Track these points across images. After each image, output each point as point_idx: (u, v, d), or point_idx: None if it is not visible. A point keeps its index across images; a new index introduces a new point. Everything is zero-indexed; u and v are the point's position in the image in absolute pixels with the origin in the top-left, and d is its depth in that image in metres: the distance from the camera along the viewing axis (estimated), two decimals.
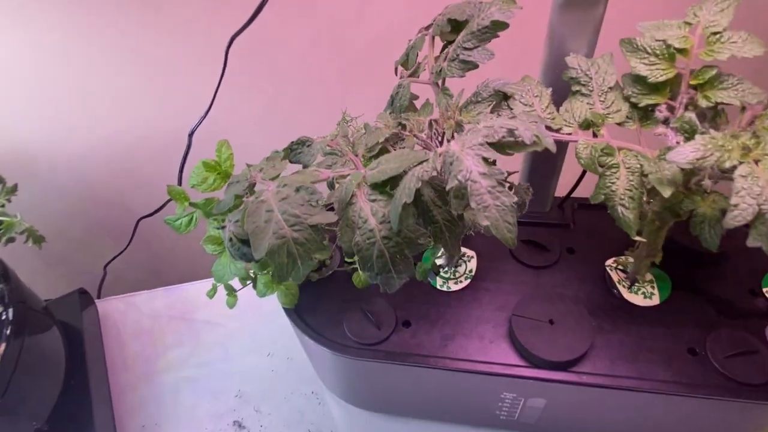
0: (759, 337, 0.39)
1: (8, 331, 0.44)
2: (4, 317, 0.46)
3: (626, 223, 0.30)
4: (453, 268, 0.46)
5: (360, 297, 0.44)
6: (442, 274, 0.46)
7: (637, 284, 0.43)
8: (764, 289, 0.42)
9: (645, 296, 0.42)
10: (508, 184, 0.37)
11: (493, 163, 0.24)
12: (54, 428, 0.48)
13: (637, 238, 0.32)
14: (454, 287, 0.45)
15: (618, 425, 0.43)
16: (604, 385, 0.38)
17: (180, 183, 0.50)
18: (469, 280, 0.45)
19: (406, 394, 0.46)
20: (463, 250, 0.47)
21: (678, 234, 0.45)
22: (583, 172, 0.49)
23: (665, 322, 0.41)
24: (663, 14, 0.34)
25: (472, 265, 0.46)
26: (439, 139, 0.32)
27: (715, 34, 0.30)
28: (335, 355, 0.42)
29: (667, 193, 0.28)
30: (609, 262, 0.45)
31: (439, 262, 0.46)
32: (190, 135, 0.46)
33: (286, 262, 0.27)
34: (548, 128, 0.33)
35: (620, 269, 0.44)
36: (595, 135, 0.33)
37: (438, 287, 0.45)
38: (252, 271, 0.41)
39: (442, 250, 0.46)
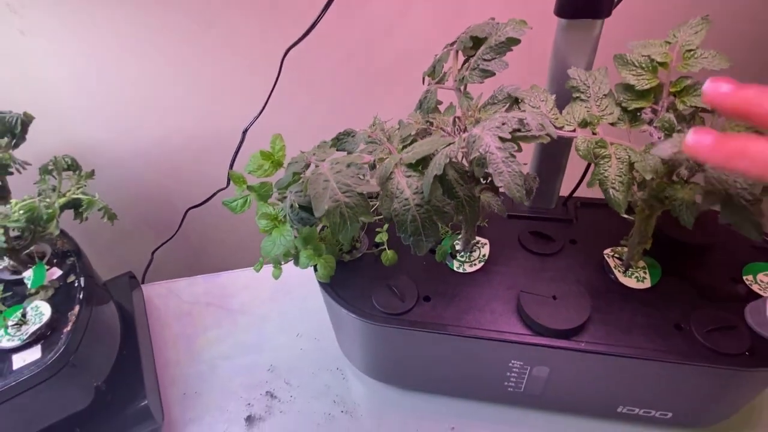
0: (738, 316, 0.45)
1: (81, 296, 0.51)
2: (77, 284, 0.53)
3: (616, 203, 0.36)
4: (468, 253, 0.52)
5: (386, 275, 0.50)
6: (458, 257, 0.52)
7: (631, 269, 0.49)
8: (744, 277, 0.48)
9: (638, 280, 0.48)
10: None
11: (508, 140, 0.30)
12: (110, 388, 0.54)
13: (625, 216, 0.38)
14: (469, 269, 0.51)
15: (613, 394, 0.48)
16: (600, 351, 0.43)
17: (228, 182, 0.57)
18: (482, 264, 0.51)
19: (423, 364, 0.52)
20: (478, 238, 0.54)
21: (668, 228, 0.51)
22: (584, 175, 0.56)
23: (655, 302, 0.47)
24: (650, 35, 0.41)
25: (485, 250, 0.52)
26: (462, 132, 0.39)
27: (689, 51, 0.37)
28: (364, 323, 0.48)
29: (649, 177, 0.35)
30: (607, 251, 0.51)
31: (456, 247, 0.52)
32: (244, 132, 0.53)
33: (339, 221, 0.33)
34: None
35: (616, 257, 0.50)
36: (591, 132, 0.39)
37: (455, 269, 0.51)
38: (294, 247, 0.48)
39: (460, 237, 0.52)
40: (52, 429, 0.51)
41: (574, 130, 0.39)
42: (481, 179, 0.41)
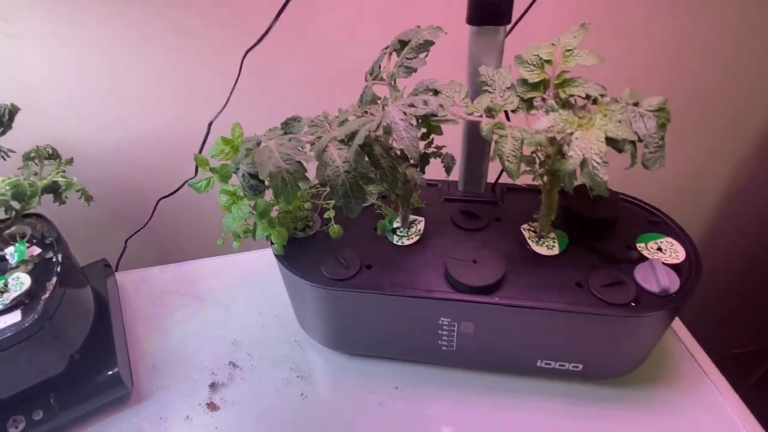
0: (628, 275, 0.53)
1: (58, 269, 0.57)
2: (54, 260, 0.58)
3: (510, 171, 0.44)
4: (406, 229, 0.60)
5: (335, 249, 0.57)
6: (398, 233, 0.59)
7: (542, 239, 0.57)
8: (637, 245, 0.57)
9: (548, 248, 0.56)
10: (440, 153, 0.52)
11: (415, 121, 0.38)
12: (83, 358, 0.60)
13: (517, 183, 0.46)
14: (406, 242, 0.59)
15: (531, 348, 0.56)
16: (513, 305, 0.51)
17: (196, 169, 0.64)
18: (418, 237, 0.59)
19: (368, 329, 0.59)
20: (415, 216, 0.61)
21: (575, 206, 0.60)
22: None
23: (561, 266, 0.55)
24: (545, 39, 0.50)
25: (421, 226, 0.60)
26: None
27: (568, 51, 0.46)
28: (315, 288, 0.54)
29: (532, 149, 0.43)
30: (524, 225, 0.59)
31: (396, 225, 0.60)
32: (210, 124, 0.60)
33: (281, 185, 0.41)
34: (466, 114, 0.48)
35: (531, 230, 0.58)
36: (494, 117, 0.48)
37: (394, 242, 0.59)
38: (252, 222, 0.55)
39: (399, 217, 0.60)
40: (30, 392, 0.56)
41: (481, 116, 0.48)
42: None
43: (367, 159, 0.43)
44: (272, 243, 0.57)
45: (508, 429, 0.56)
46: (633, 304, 0.50)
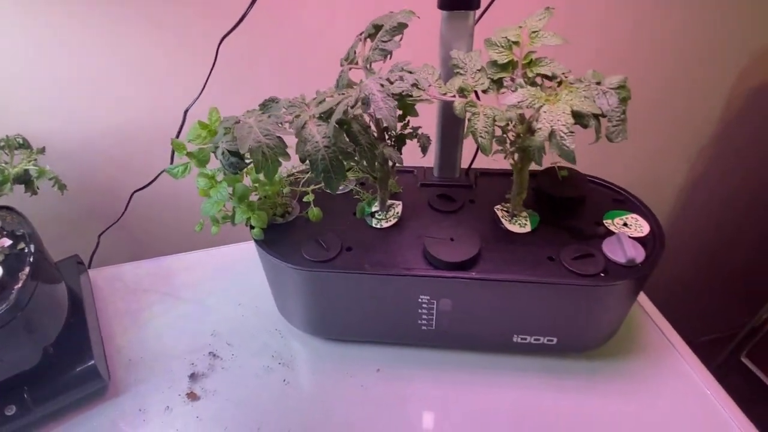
0: (597, 249, 0.55)
1: (30, 259, 0.56)
2: (27, 251, 0.57)
3: (483, 148, 0.46)
4: (385, 212, 0.61)
5: (315, 233, 0.58)
6: (376, 216, 0.61)
7: (515, 218, 0.59)
8: (604, 221, 0.59)
9: (520, 226, 0.59)
10: (417, 134, 0.54)
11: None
12: (58, 351, 0.58)
13: (491, 156, 0.48)
14: (385, 225, 0.60)
15: (507, 324, 0.58)
16: (489, 278, 0.53)
17: (172, 156, 0.64)
18: (396, 220, 0.60)
19: (349, 312, 0.59)
20: (393, 201, 0.63)
21: (545, 186, 0.62)
22: (477, 151, 0.66)
23: (533, 242, 0.57)
24: (514, 22, 0.52)
25: (399, 209, 0.61)
26: None
27: (534, 32, 0.49)
28: (296, 270, 0.55)
29: (503, 124, 0.45)
30: (497, 206, 0.61)
31: (374, 209, 0.61)
32: (185, 112, 0.60)
33: (261, 159, 0.41)
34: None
35: (504, 210, 0.61)
36: (465, 97, 0.50)
37: (373, 225, 0.60)
38: (231, 205, 0.55)
39: (377, 201, 0.61)
40: (2, 387, 0.54)
41: (454, 96, 0.49)
42: (385, 135, 0.51)
43: (345, 136, 0.44)
44: (252, 228, 0.57)
45: (487, 405, 0.58)
46: (602, 274, 0.53)
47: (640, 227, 0.58)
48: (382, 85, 0.39)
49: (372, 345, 0.65)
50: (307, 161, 0.43)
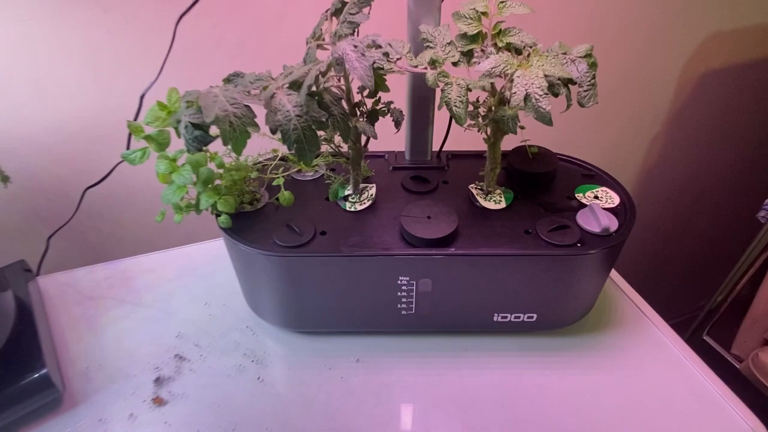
0: (571, 221, 0.56)
1: None
2: None
3: (458, 117, 0.45)
4: (358, 195, 0.59)
5: (287, 219, 0.56)
6: (350, 199, 0.59)
7: (489, 195, 0.59)
8: (576, 195, 0.60)
9: (496, 203, 0.58)
10: (389, 109, 0.53)
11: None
12: (7, 362, 0.53)
13: (466, 126, 0.48)
14: (359, 208, 0.58)
15: (487, 302, 0.57)
16: (467, 254, 0.52)
17: (129, 143, 0.60)
18: (370, 202, 0.59)
19: (325, 300, 0.57)
20: (366, 184, 0.61)
21: (518, 163, 0.62)
22: (447, 133, 0.66)
23: (509, 217, 0.57)
24: None
25: (373, 191, 0.60)
26: None
27: (502, 2, 0.49)
28: (267, 257, 0.52)
29: (479, 89, 0.45)
30: (471, 185, 0.61)
31: (347, 192, 0.59)
32: (142, 97, 0.57)
33: (229, 129, 0.39)
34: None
35: (478, 188, 0.60)
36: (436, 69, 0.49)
37: (347, 209, 0.58)
38: (195, 191, 0.52)
39: (350, 184, 0.59)
40: None
41: (425, 68, 0.49)
42: (357, 110, 0.49)
43: (317, 106, 0.42)
44: (218, 216, 0.54)
45: (469, 386, 0.56)
46: (578, 244, 0.53)
47: (611, 198, 0.59)
48: (355, 46, 0.38)
49: (350, 335, 0.62)
50: (279, 132, 0.41)
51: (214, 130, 0.41)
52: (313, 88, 0.44)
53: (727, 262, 1.17)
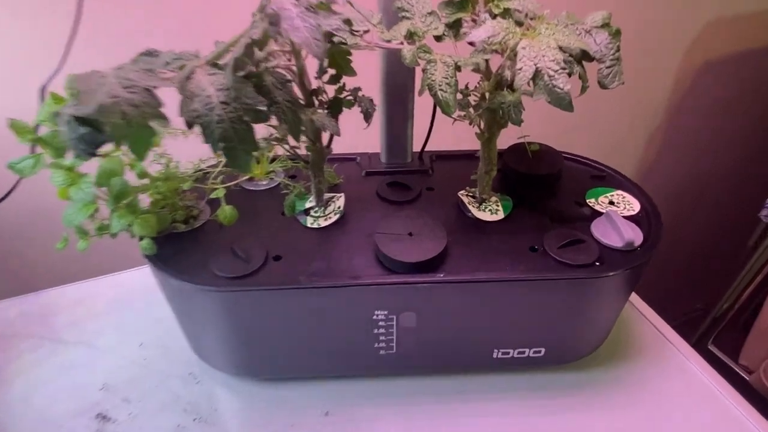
0: (585, 233, 0.45)
1: None
2: None
3: (446, 104, 0.34)
4: (322, 208, 0.48)
5: (230, 242, 0.44)
6: (312, 213, 0.47)
7: (484, 204, 0.48)
8: (587, 200, 0.50)
9: (492, 213, 0.47)
10: (357, 97, 0.41)
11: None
12: None
13: (455, 116, 0.37)
14: (324, 224, 0.47)
15: (485, 337, 0.46)
16: (460, 280, 0.41)
17: (33, 148, 0.47)
18: (338, 216, 0.47)
19: (285, 341, 0.45)
20: (332, 194, 0.50)
21: (514, 164, 0.52)
22: (430, 129, 0.55)
23: (510, 231, 0.46)
24: None
25: (341, 203, 0.48)
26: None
27: None
28: (204, 292, 0.40)
29: (470, 68, 0.34)
30: (461, 191, 0.50)
31: (308, 204, 0.48)
32: (42, 90, 0.45)
33: (122, 123, 0.27)
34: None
35: (470, 195, 0.49)
36: (415, 43, 0.38)
37: (309, 225, 0.46)
38: (107, 208, 0.40)
39: (312, 195, 0.48)
40: None
41: (401, 43, 0.38)
42: (314, 100, 0.38)
43: (252, 89, 0.31)
44: (141, 239, 0.42)
45: None
46: (597, 263, 0.42)
47: (630, 204, 0.49)
48: (297, 0, 0.27)
49: (317, 382, 0.51)
50: (198, 127, 0.29)
51: None
52: (252, 68, 0.32)
53: (727, 262, 1.09)
